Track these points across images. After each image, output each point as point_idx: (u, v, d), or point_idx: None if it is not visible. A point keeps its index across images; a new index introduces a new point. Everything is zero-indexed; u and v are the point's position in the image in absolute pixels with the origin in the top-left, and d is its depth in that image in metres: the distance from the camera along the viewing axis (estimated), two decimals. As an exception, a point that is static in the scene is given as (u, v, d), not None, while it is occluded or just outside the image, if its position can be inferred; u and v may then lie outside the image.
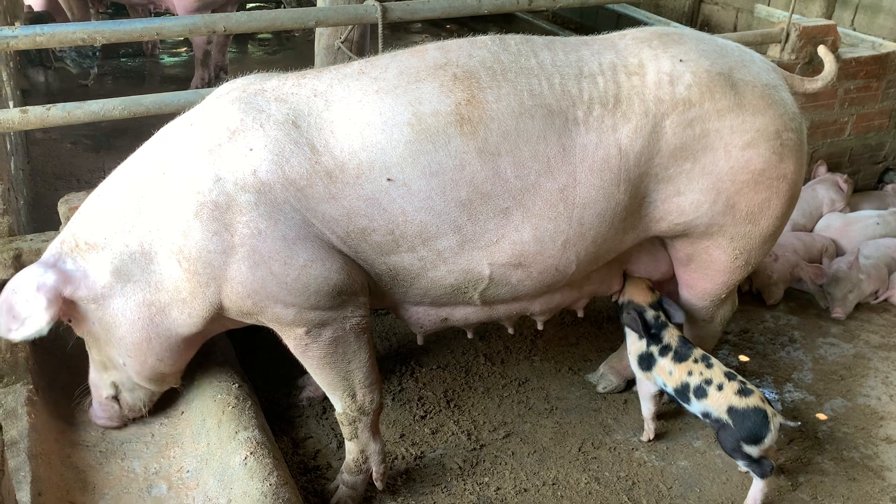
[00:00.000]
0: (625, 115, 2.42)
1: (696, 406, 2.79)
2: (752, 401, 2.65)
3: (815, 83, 2.93)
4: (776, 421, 2.63)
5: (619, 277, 2.94)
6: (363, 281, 2.46)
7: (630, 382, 3.34)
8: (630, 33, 2.64)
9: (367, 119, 2.32)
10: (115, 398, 2.76)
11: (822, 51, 3.17)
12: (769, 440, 2.63)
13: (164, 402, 2.92)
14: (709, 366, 2.78)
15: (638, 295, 2.92)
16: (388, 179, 2.31)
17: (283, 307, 2.36)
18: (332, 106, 2.35)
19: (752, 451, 2.66)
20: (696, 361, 2.80)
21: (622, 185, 2.45)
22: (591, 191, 2.43)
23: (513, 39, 2.51)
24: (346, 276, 2.37)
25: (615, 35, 2.65)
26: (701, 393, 2.75)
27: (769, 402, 2.68)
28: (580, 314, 3.00)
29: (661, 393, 2.97)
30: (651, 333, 2.87)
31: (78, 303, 2.44)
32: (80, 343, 2.72)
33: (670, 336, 2.87)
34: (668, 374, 2.84)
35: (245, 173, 2.26)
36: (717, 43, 2.68)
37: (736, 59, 2.59)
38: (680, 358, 2.82)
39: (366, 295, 2.49)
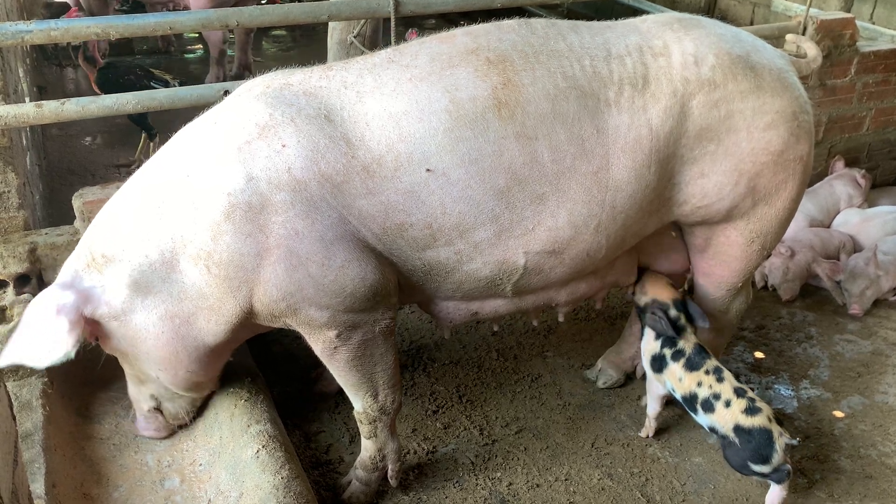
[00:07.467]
0: (654, 96, 2.41)
1: (703, 419, 2.75)
2: (759, 420, 2.60)
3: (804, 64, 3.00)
4: (782, 441, 2.58)
5: (636, 267, 2.91)
6: (395, 280, 2.40)
7: (629, 376, 3.33)
8: (650, 18, 2.65)
9: (403, 108, 2.24)
10: (157, 409, 2.71)
11: (791, 38, 3.46)
12: (776, 460, 2.59)
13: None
14: (720, 379, 2.71)
15: (661, 293, 2.85)
16: (428, 170, 2.24)
17: (318, 309, 2.29)
18: (365, 97, 2.27)
19: (761, 469, 2.62)
20: (707, 373, 2.74)
21: (653, 167, 2.43)
22: (623, 172, 2.40)
23: (538, 23, 2.49)
24: (380, 275, 2.31)
25: (636, 20, 2.65)
26: (708, 407, 2.70)
27: (776, 421, 2.63)
28: (598, 305, 2.98)
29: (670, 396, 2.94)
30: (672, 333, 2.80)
31: (100, 321, 2.33)
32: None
33: (685, 342, 2.81)
34: (678, 380, 2.79)
35: (279, 171, 2.15)
36: (731, 29, 2.70)
37: (750, 44, 2.61)
38: (692, 367, 2.76)
39: (396, 295, 2.44)
